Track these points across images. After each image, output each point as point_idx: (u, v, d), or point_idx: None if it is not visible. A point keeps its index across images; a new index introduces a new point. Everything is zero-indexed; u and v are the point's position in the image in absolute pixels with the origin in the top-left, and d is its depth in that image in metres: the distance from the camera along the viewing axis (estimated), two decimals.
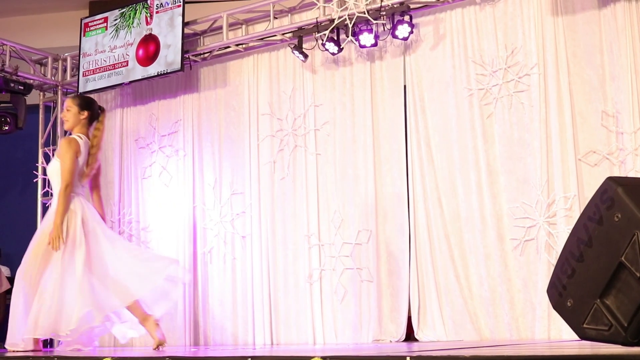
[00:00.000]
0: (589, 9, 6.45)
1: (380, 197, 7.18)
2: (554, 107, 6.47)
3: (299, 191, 7.59)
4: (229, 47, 8.06)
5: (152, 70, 8.05)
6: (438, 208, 6.87)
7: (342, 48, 7.22)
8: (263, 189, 7.79)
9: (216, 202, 8.05)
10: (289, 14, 7.80)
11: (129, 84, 8.27)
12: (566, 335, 6.03)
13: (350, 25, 7.09)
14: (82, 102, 6.13)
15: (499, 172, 6.64)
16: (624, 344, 2.59)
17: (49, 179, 6.02)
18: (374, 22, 7.01)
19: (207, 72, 8.35)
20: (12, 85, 8.43)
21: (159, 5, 8.10)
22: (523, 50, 6.69)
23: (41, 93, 9.17)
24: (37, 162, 8.93)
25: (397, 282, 6.98)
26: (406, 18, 6.87)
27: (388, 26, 7.02)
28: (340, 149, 7.43)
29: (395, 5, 6.96)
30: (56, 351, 6.15)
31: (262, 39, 7.88)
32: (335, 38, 7.20)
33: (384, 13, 7.00)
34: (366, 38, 7.02)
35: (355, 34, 7.08)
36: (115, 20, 8.43)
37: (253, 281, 7.70)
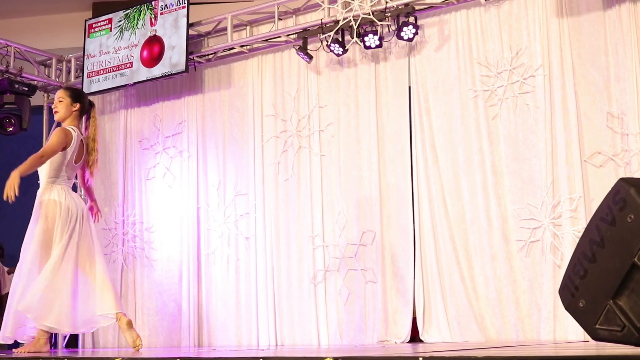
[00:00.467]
0: (594, 10, 6.46)
1: (384, 198, 7.18)
2: (559, 109, 6.48)
3: (303, 192, 7.60)
4: (233, 48, 8.06)
5: (156, 71, 8.05)
6: (443, 209, 6.87)
7: (347, 49, 7.23)
8: (267, 190, 7.79)
9: (220, 203, 8.06)
10: (294, 15, 7.81)
11: (133, 85, 8.28)
12: (572, 336, 6.04)
13: (355, 27, 7.09)
14: (74, 94, 6.07)
15: (504, 173, 6.64)
16: (637, 344, 2.59)
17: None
18: (379, 23, 7.02)
19: (211, 73, 8.36)
20: (16, 86, 8.43)
21: (163, 7, 8.11)
22: (528, 51, 6.70)
23: (45, 94, 9.18)
24: None
25: (402, 283, 6.98)
26: (411, 19, 6.88)
27: (393, 27, 7.02)
28: (344, 150, 7.43)
29: (400, 7, 6.96)
30: (62, 352, 6.14)
31: (266, 40, 7.88)
32: (340, 39, 7.20)
33: (388, 14, 7.00)
34: (371, 39, 7.03)
35: (360, 35, 7.08)
36: (120, 21, 8.44)
37: (257, 282, 7.71)
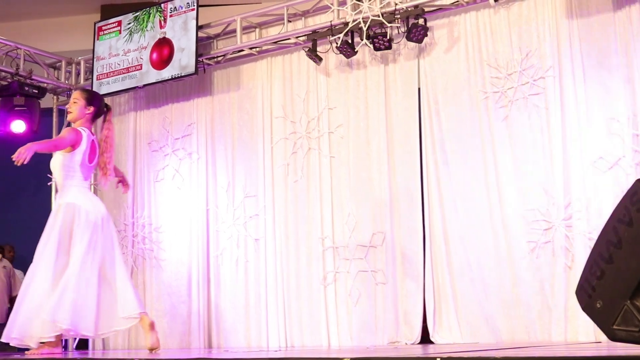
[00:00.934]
0: (604, 11, 6.46)
1: (394, 199, 7.19)
2: (569, 110, 6.48)
3: (313, 194, 7.61)
4: (242, 50, 8.08)
5: (166, 73, 8.08)
6: (453, 211, 6.87)
7: (357, 51, 7.24)
8: (277, 192, 7.81)
9: (229, 204, 8.07)
10: (303, 17, 7.83)
11: (142, 87, 8.30)
12: (583, 337, 6.04)
13: (364, 29, 7.10)
14: (89, 97, 6.03)
15: (514, 174, 6.64)
16: None
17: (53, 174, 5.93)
18: (389, 25, 7.03)
19: (220, 75, 8.38)
20: (26, 89, 8.47)
21: (172, 9, 8.13)
22: (538, 53, 6.70)
23: (55, 97, 9.21)
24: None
25: (412, 285, 6.99)
26: (420, 21, 6.88)
27: (402, 29, 7.03)
28: (354, 151, 7.44)
29: (409, 9, 6.97)
30: (74, 353, 6.15)
31: (275, 42, 7.90)
32: (350, 41, 7.21)
33: (398, 16, 7.01)
34: (380, 42, 7.04)
35: (369, 37, 7.09)
36: (129, 24, 8.46)
37: (267, 284, 7.72)
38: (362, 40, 7.13)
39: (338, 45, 7.21)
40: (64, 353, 6.37)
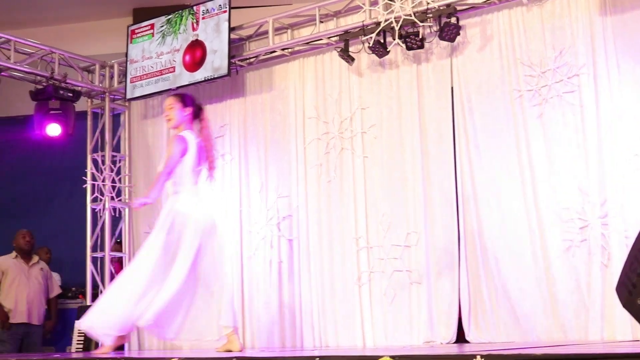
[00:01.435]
0: (638, 8, 6.40)
1: (428, 199, 7.17)
2: (604, 107, 6.43)
3: (346, 194, 7.61)
4: (274, 51, 8.11)
5: (199, 75, 8.12)
6: (487, 210, 6.84)
7: (389, 51, 7.23)
8: (310, 192, 7.81)
9: (262, 205, 8.10)
10: (335, 18, 7.83)
11: (176, 89, 8.34)
12: (619, 336, 5.99)
13: (396, 28, 7.09)
14: (183, 99, 6.05)
15: (549, 172, 6.59)
16: None
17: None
18: (421, 24, 7.01)
19: (253, 76, 8.41)
20: (61, 92, 8.56)
21: (205, 12, 8.18)
22: (572, 50, 6.65)
23: (89, 100, 9.30)
24: (86, 168, 9.04)
25: (447, 284, 6.97)
26: (453, 20, 6.86)
27: (435, 28, 7.02)
28: (387, 151, 7.44)
29: (441, 7, 6.96)
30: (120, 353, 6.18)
31: (307, 43, 7.91)
32: (382, 41, 7.20)
33: (430, 15, 7.00)
34: (413, 41, 7.03)
35: (401, 37, 7.08)
36: (162, 26, 8.52)
37: (301, 284, 7.73)
38: (394, 39, 7.12)
39: (370, 45, 7.21)
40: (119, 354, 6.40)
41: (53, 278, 9.16)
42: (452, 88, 7.21)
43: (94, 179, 9.01)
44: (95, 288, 8.90)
